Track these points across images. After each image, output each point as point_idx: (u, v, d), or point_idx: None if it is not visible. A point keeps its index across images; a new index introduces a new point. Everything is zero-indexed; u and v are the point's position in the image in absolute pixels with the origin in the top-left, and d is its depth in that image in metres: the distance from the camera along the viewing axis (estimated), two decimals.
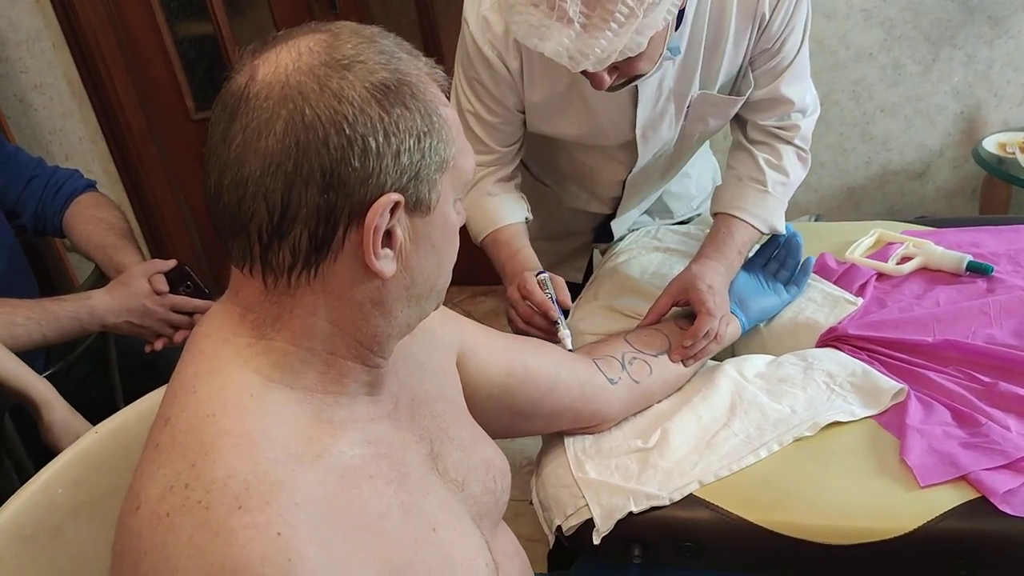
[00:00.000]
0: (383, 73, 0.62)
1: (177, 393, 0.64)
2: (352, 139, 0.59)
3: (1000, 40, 2.27)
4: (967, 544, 0.88)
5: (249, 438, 0.60)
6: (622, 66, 1.04)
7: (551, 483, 1.03)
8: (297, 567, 0.54)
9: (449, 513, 0.72)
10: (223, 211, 0.62)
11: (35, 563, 0.78)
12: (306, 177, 0.59)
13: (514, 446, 2.15)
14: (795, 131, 1.29)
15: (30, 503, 0.79)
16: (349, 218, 0.61)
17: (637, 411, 1.11)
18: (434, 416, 0.80)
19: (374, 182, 0.60)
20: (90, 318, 1.33)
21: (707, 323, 1.14)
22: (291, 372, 0.65)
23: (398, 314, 0.68)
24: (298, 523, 0.56)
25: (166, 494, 0.57)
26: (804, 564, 0.94)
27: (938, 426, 1.00)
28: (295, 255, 0.61)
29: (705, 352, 1.15)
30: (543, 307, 1.15)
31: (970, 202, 2.52)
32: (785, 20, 1.18)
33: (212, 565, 0.53)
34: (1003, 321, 1.16)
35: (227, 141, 0.61)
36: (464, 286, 3.03)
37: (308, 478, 0.60)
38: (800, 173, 1.32)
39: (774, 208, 1.29)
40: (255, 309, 0.65)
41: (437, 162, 0.64)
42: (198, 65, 2.86)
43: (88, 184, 1.57)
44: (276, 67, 0.61)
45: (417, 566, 0.64)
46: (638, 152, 1.32)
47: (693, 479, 0.97)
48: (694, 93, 1.24)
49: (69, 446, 0.85)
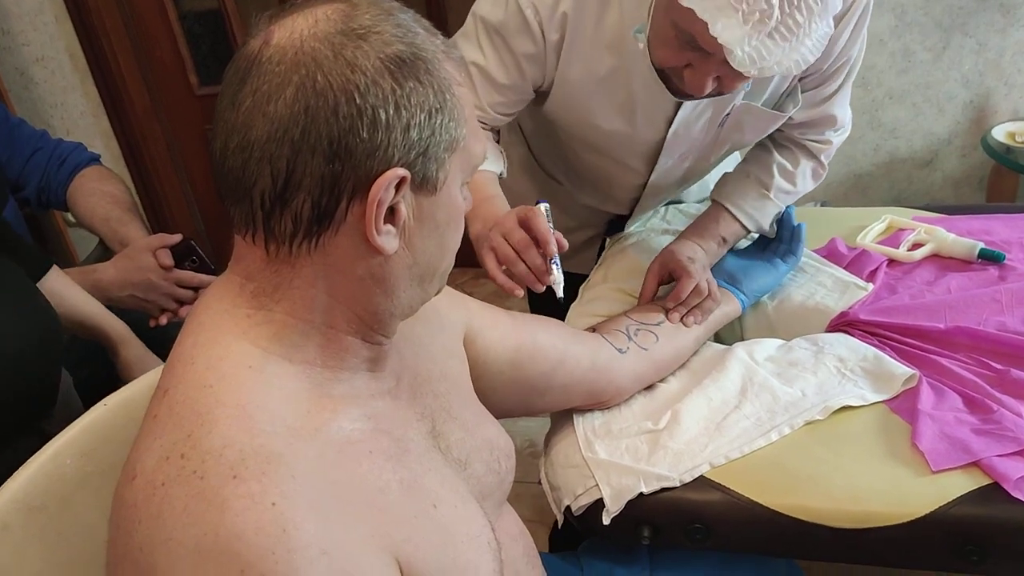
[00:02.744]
0: (399, 46, 0.61)
1: (176, 364, 0.64)
2: (362, 109, 0.58)
3: (1012, 28, 2.26)
4: (979, 530, 0.88)
5: (246, 409, 0.59)
6: (726, 77, 0.98)
7: (560, 463, 1.03)
8: (292, 537, 0.54)
9: (451, 491, 0.71)
10: (228, 175, 0.62)
11: (44, 533, 0.78)
12: (313, 145, 0.58)
13: (516, 428, 2.14)
14: (826, 146, 1.28)
15: (39, 473, 0.78)
16: (353, 190, 0.60)
17: (650, 382, 1.11)
18: (436, 395, 0.80)
19: (381, 155, 0.60)
20: (95, 291, 1.32)
21: (688, 283, 1.15)
22: (290, 344, 0.64)
23: (400, 293, 0.67)
24: (294, 494, 0.56)
25: (162, 464, 0.57)
26: (814, 547, 0.94)
27: (950, 412, 0.99)
28: (297, 224, 0.61)
29: (702, 310, 1.16)
30: (544, 238, 1.01)
31: (977, 191, 2.51)
32: (845, 41, 1.12)
33: (206, 535, 0.53)
34: (1015, 309, 1.15)
35: (236, 104, 0.60)
36: (466, 268, 3.02)
37: (306, 451, 0.60)
38: (809, 186, 1.31)
39: (769, 212, 1.29)
40: (256, 278, 0.64)
41: (447, 141, 0.63)
42: (203, 41, 2.83)
43: (92, 157, 1.56)
44: (291, 33, 0.60)
45: (417, 541, 0.64)
46: (662, 150, 1.26)
47: (704, 461, 0.97)
48: (738, 102, 1.18)
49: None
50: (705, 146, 1.29)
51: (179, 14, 2.77)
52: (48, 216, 2.51)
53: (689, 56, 0.97)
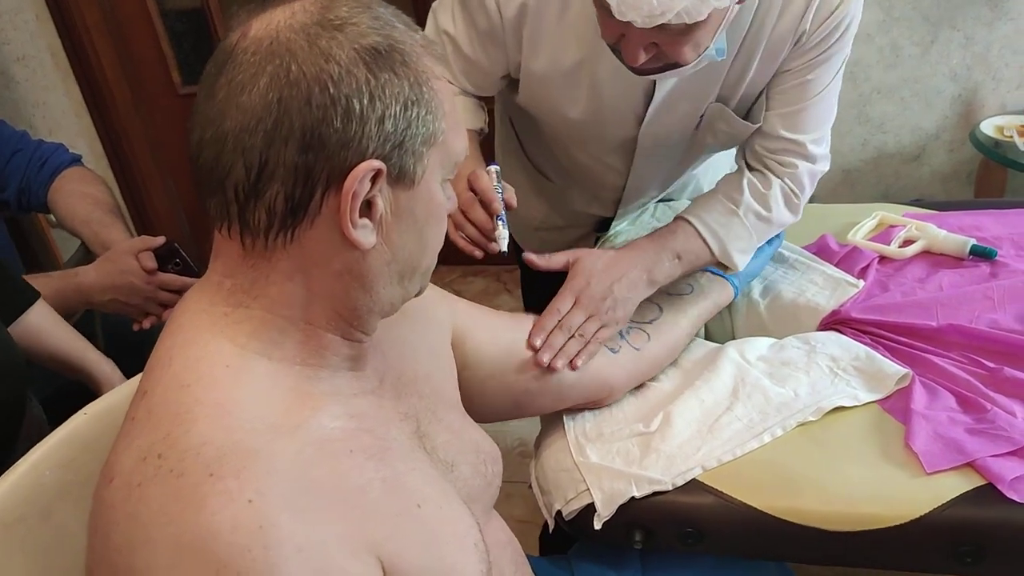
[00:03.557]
0: (375, 37, 0.61)
1: (155, 366, 0.63)
2: (335, 99, 0.58)
3: (999, 22, 2.25)
4: (974, 531, 0.87)
5: (224, 407, 0.59)
6: (665, 44, 0.94)
7: (551, 467, 1.02)
8: (269, 534, 0.53)
9: (436, 491, 0.71)
10: (203, 166, 0.61)
11: (24, 546, 0.76)
12: (286, 135, 0.58)
13: (506, 428, 2.13)
14: (790, 168, 1.16)
15: (18, 485, 0.77)
16: (327, 182, 0.60)
17: (642, 380, 1.10)
18: (421, 396, 0.79)
19: (355, 146, 0.59)
20: (77, 296, 1.30)
21: (559, 302, 1.03)
22: (269, 342, 0.64)
23: (380, 290, 0.66)
24: (271, 491, 0.55)
25: (139, 464, 0.56)
26: (807, 551, 0.94)
27: (943, 412, 0.98)
28: (271, 216, 0.60)
29: (564, 352, 1.00)
30: (487, 196, 1.02)
31: (965, 186, 2.51)
32: (823, 47, 1.08)
33: (183, 533, 0.53)
34: (1007, 306, 1.15)
35: (212, 96, 0.60)
36: (455, 265, 3.01)
37: (285, 448, 0.59)
38: (785, 215, 1.18)
39: (738, 235, 1.15)
40: (233, 275, 0.64)
41: (424, 134, 0.63)
42: (185, 39, 2.80)
43: (73, 158, 1.54)
44: (268, 24, 0.60)
45: (399, 540, 0.63)
46: (636, 148, 1.25)
47: (696, 464, 0.96)
48: (711, 101, 1.16)
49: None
50: (682, 149, 1.27)
51: (161, 12, 2.74)
52: (31, 218, 2.48)
53: (617, 26, 0.94)
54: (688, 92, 1.15)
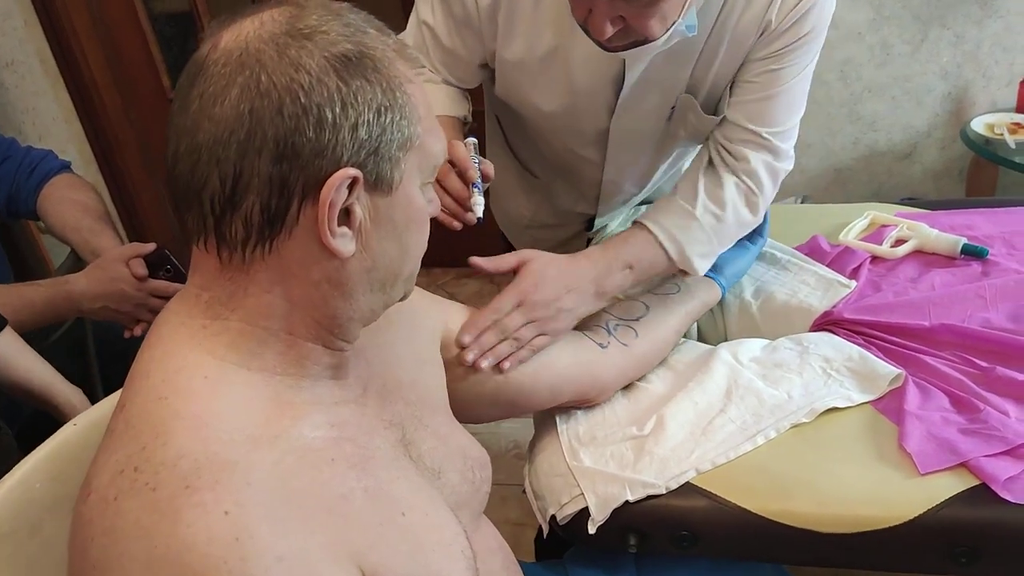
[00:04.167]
0: (345, 45, 0.61)
1: (134, 379, 0.63)
2: (307, 108, 0.58)
3: (989, 20, 2.26)
4: (969, 532, 0.87)
5: (201, 419, 0.58)
6: (631, 17, 0.91)
7: (544, 472, 1.01)
8: (245, 546, 0.53)
9: (422, 499, 0.70)
10: (178, 180, 0.61)
11: (13, 560, 0.76)
12: (259, 146, 0.58)
13: (500, 430, 2.13)
14: (743, 163, 1.12)
15: (7, 499, 0.76)
16: (304, 192, 0.59)
17: (632, 378, 1.10)
18: (407, 403, 0.79)
19: (330, 155, 0.59)
20: (67, 303, 1.29)
21: (501, 301, 0.99)
22: (248, 353, 0.63)
23: (359, 298, 0.66)
24: (249, 502, 0.55)
25: (116, 478, 0.56)
26: (802, 552, 0.93)
27: (936, 412, 0.98)
28: (248, 228, 0.60)
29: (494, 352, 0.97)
30: (463, 164, 1.00)
31: (957, 183, 2.52)
32: (790, 39, 1.06)
33: (157, 547, 0.52)
34: (999, 304, 1.15)
35: (185, 108, 0.60)
36: (448, 267, 3.00)
37: (263, 458, 0.59)
38: (744, 214, 1.13)
39: (696, 238, 1.11)
40: (211, 287, 0.64)
41: (400, 139, 0.63)
42: (174, 43, 2.79)
43: (63, 165, 1.53)
44: (238, 35, 0.60)
45: (382, 549, 0.62)
46: (609, 138, 1.24)
47: (690, 467, 0.96)
48: (681, 92, 1.15)
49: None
50: (655, 141, 1.27)
51: (150, 16, 2.73)
52: (21, 224, 2.47)
53: (587, 1, 0.92)
54: (657, 81, 1.13)
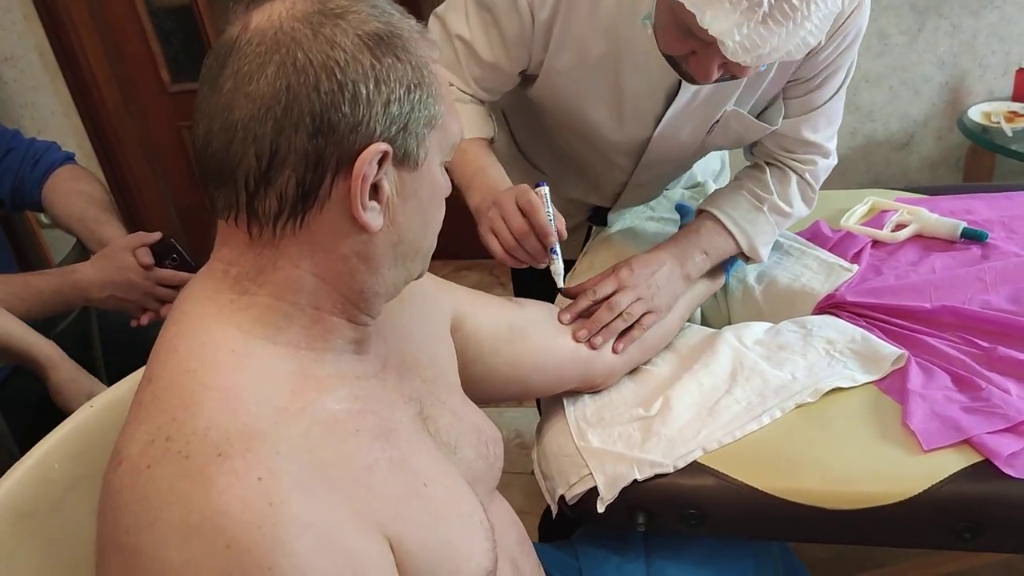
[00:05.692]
0: (376, 23, 0.62)
1: (159, 353, 0.64)
2: (343, 84, 0.59)
3: (985, 10, 2.27)
4: (972, 507, 0.88)
5: (230, 391, 0.60)
6: (733, 65, 0.93)
7: (553, 452, 1.03)
8: (279, 512, 0.54)
9: (441, 472, 0.71)
10: (211, 158, 0.62)
11: (34, 539, 0.77)
12: (295, 121, 0.59)
13: (502, 419, 2.14)
14: (809, 166, 1.21)
15: (27, 479, 0.77)
16: (337, 166, 0.61)
17: (638, 363, 1.11)
18: (424, 380, 0.80)
19: (363, 130, 0.60)
20: (74, 292, 1.30)
21: (606, 285, 1.07)
22: (273, 327, 0.64)
23: (385, 271, 0.67)
24: (279, 470, 0.56)
25: (147, 448, 0.57)
26: (809, 530, 0.95)
27: (939, 391, 1.00)
28: (282, 202, 0.61)
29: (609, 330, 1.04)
30: (543, 230, 1.02)
31: (954, 172, 2.53)
32: (833, 56, 1.09)
33: (191, 512, 0.53)
34: (999, 287, 1.16)
35: (217, 88, 0.61)
36: (448, 260, 3.01)
37: (291, 430, 0.60)
38: (802, 209, 1.24)
39: (763, 230, 1.20)
40: (238, 263, 0.64)
41: (426, 116, 0.64)
42: (174, 36, 2.80)
43: (67, 156, 1.53)
44: (270, 16, 0.62)
45: (406, 519, 0.64)
46: (647, 148, 1.24)
47: (697, 446, 0.97)
48: (728, 107, 1.16)
49: (79, 407, 0.84)
50: (692, 150, 1.29)
51: (149, 10, 2.73)
52: (21, 217, 2.47)
53: (692, 44, 0.94)
54: (709, 97, 1.15)
